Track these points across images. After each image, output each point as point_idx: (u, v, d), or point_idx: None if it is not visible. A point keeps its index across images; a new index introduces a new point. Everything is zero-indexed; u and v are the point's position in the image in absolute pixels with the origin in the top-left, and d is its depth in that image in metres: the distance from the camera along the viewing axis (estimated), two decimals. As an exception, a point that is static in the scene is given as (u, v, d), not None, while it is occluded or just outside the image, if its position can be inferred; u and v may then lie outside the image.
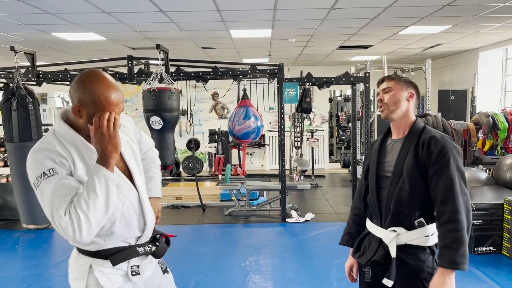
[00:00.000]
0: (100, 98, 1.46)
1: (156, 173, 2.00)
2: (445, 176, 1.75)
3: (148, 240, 1.72)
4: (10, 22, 5.20)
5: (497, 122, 5.72)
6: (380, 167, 1.95)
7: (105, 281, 1.59)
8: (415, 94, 1.94)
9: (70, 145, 1.52)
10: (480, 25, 6.06)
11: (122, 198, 1.59)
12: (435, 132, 1.86)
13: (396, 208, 1.84)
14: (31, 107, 5.16)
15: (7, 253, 4.72)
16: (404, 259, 1.83)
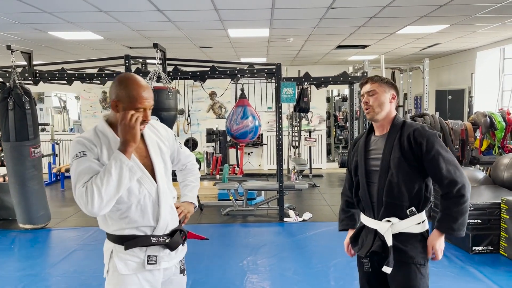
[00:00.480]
0: (133, 93, 1.75)
1: (193, 182, 2.19)
2: (443, 160, 1.92)
3: (165, 233, 1.86)
4: (6, 20, 5.17)
5: (495, 121, 5.73)
6: (368, 163, 2.09)
7: (121, 266, 1.78)
8: (396, 95, 2.10)
9: (104, 137, 1.80)
10: (477, 25, 6.07)
11: (140, 187, 1.79)
12: (415, 125, 2.01)
13: (388, 200, 1.99)
14: (27, 106, 5.14)
15: (3, 253, 4.69)
16: (399, 247, 1.97)
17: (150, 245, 1.82)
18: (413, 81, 8.60)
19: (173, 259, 1.90)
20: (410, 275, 1.97)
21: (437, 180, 1.96)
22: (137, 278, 1.81)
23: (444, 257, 4.17)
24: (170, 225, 1.89)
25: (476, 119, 5.84)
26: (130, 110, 1.73)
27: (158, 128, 1.99)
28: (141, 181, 1.80)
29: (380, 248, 1.99)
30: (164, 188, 1.87)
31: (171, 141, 2.04)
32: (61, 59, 7.73)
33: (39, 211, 5.35)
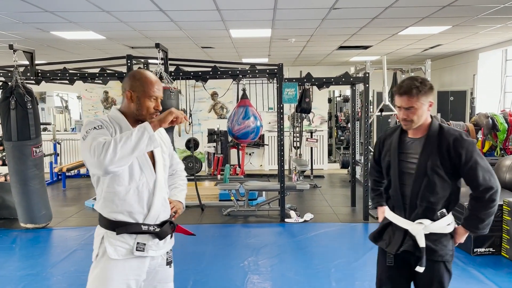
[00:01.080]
0: (146, 82, 1.94)
1: (181, 185, 2.29)
2: (480, 169, 1.99)
3: (155, 223, 1.98)
4: (9, 20, 5.18)
5: (497, 123, 5.72)
6: (402, 165, 2.13)
7: (111, 250, 1.89)
8: (432, 101, 2.07)
9: (116, 124, 1.94)
10: (480, 26, 6.06)
11: (141, 174, 1.93)
12: (453, 132, 2.04)
13: (422, 204, 2.06)
14: (29, 106, 5.14)
15: (5, 252, 4.70)
16: (430, 246, 2.05)
17: (140, 233, 1.93)
18: (415, 82, 8.58)
19: (160, 249, 2.00)
20: (439, 272, 2.08)
21: (472, 186, 2.04)
22: (122, 265, 1.90)
23: (445, 259, 4.17)
24: (161, 216, 2.00)
25: (478, 121, 5.83)
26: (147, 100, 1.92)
27: (160, 130, 2.09)
28: (142, 168, 1.93)
29: (411, 248, 2.07)
30: (161, 180, 2.00)
31: (168, 144, 2.18)
32: (63, 58, 7.74)
33: (41, 211, 5.36)
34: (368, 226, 5.43)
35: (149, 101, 1.94)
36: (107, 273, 1.89)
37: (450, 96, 9.45)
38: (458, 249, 4.40)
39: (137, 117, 1.96)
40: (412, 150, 2.10)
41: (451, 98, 9.45)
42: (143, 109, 1.94)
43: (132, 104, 1.95)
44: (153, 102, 1.95)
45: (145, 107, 1.94)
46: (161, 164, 2.02)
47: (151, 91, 1.94)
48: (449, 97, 9.46)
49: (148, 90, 1.93)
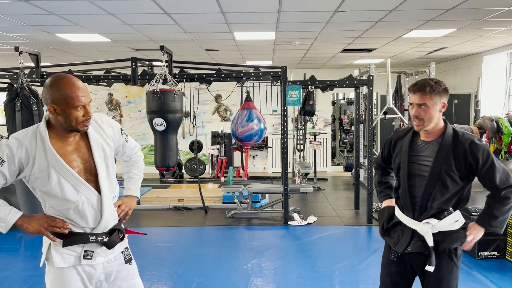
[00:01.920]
0: (67, 93, 1.75)
1: (136, 174, 2.21)
2: (497, 171, 2.01)
3: (104, 231, 1.92)
4: (15, 22, 5.22)
5: (501, 126, 5.70)
6: (412, 166, 2.12)
7: (57, 259, 1.86)
8: (446, 103, 2.07)
9: (41, 142, 1.80)
10: (484, 29, 6.04)
11: (77, 194, 1.83)
12: (468, 136, 2.04)
13: (434, 206, 2.07)
14: (35, 107, 5.16)
15: (9, 253, 4.72)
16: (438, 243, 2.07)
17: (87, 243, 1.88)
18: (419, 85, 8.56)
19: (109, 255, 1.95)
20: (448, 266, 2.09)
21: (490, 187, 2.09)
22: (75, 269, 1.88)
23: (449, 262, 4.15)
24: (110, 224, 1.95)
25: (482, 124, 5.81)
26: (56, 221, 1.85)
27: (103, 127, 1.97)
28: (77, 189, 1.83)
29: (421, 248, 2.09)
30: (106, 193, 1.90)
31: (116, 137, 2.03)
32: (68, 61, 7.78)
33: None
34: (372, 229, 5.42)
35: (75, 111, 1.77)
36: (61, 278, 1.88)
37: (455, 99, 9.42)
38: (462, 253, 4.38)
39: (68, 128, 1.81)
40: (424, 153, 2.10)
41: (455, 101, 9.42)
42: (72, 121, 1.78)
43: (59, 117, 1.78)
44: (80, 111, 1.78)
45: (73, 118, 1.77)
46: (104, 174, 1.90)
47: (75, 102, 1.75)
48: (453, 100, 9.43)
49: (71, 102, 1.75)
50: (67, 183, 1.81)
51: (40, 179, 1.81)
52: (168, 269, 4.12)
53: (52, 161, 1.79)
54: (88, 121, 1.83)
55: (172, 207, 6.56)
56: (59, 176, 1.80)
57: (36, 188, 1.88)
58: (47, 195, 1.86)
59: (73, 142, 1.88)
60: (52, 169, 1.79)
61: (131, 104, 10.52)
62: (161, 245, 4.74)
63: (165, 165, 4.98)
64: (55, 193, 1.82)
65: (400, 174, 2.17)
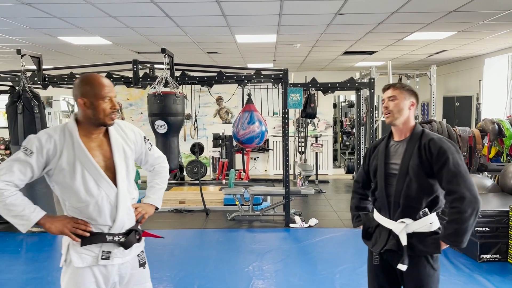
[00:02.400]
0: (96, 85, 1.90)
1: (158, 184, 2.25)
2: (446, 171, 2.02)
3: (121, 232, 1.97)
4: (17, 25, 5.24)
5: (503, 129, 5.69)
6: (387, 167, 2.21)
7: (75, 258, 1.90)
8: (416, 103, 2.21)
9: (69, 138, 1.91)
10: (485, 32, 6.04)
11: (98, 189, 1.90)
12: (433, 135, 2.13)
13: (405, 203, 2.12)
14: (36, 110, 5.18)
15: (10, 255, 4.72)
16: (412, 244, 2.11)
17: (104, 243, 1.93)
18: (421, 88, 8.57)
19: (126, 256, 2.00)
20: (423, 269, 2.11)
21: (442, 188, 2.09)
22: (91, 271, 1.92)
23: (451, 265, 4.15)
24: (127, 225, 1.99)
25: (484, 126, 5.80)
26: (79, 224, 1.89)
27: (126, 131, 2.08)
28: (99, 183, 1.91)
29: (394, 246, 2.14)
30: (124, 191, 1.97)
31: (138, 143, 2.12)
32: (70, 63, 7.81)
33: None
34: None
35: (103, 103, 1.90)
36: (77, 279, 1.91)
37: (456, 102, 9.42)
38: (464, 255, 4.37)
39: (96, 122, 1.93)
40: (396, 153, 2.20)
41: (456, 104, 9.41)
42: (100, 113, 1.90)
43: (88, 110, 1.91)
44: (108, 103, 1.92)
45: (101, 109, 1.90)
46: (123, 173, 1.98)
47: (103, 93, 1.90)
48: (455, 102, 9.43)
49: (100, 92, 1.90)
50: (90, 177, 1.89)
51: (65, 172, 1.88)
52: (169, 271, 4.11)
53: (78, 154, 1.88)
54: (114, 114, 1.94)
55: (174, 210, 6.57)
56: (83, 170, 1.88)
57: (57, 183, 1.93)
58: (67, 192, 1.91)
59: (96, 139, 1.97)
60: (78, 162, 1.88)
61: (132, 106, 10.53)
62: (162, 247, 4.74)
63: (166, 168, 4.98)
64: (78, 187, 1.88)
65: (377, 175, 2.24)
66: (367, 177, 2.38)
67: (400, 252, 2.12)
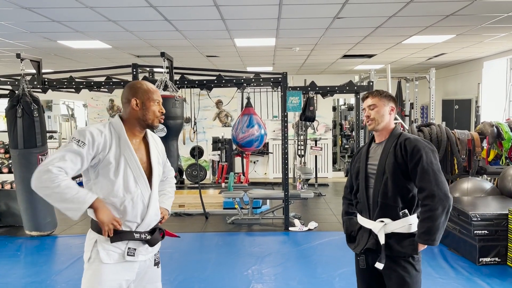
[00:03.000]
0: (147, 88, 2.11)
1: (170, 192, 2.41)
2: (420, 169, 2.08)
3: (147, 230, 2.10)
4: (17, 30, 5.26)
5: (502, 132, 5.70)
6: (367, 168, 2.29)
7: (103, 255, 1.98)
8: (395, 107, 2.29)
9: (116, 134, 2.05)
10: (484, 35, 6.06)
11: (135, 186, 2.03)
12: (409, 135, 2.21)
13: (382, 202, 2.17)
14: (36, 114, 5.19)
15: (9, 259, 4.72)
16: (392, 245, 2.16)
17: (132, 240, 2.04)
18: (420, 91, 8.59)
19: (149, 253, 2.13)
20: (404, 269, 2.15)
21: (415, 186, 2.14)
22: (115, 268, 2.00)
23: (451, 269, 4.15)
24: (152, 223, 2.13)
25: (483, 129, 5.81)
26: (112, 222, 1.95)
27: (157, 141, 2.28)
28: (137, 181, 2.04)
29: (373, 245, 2.20)
30: (156, 193, 2.13)
31: (162, 154, 2.31)
32: (69, 67, 7.83)
33: (46, 218, 5.38)
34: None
35: (154, 105, 2.10)
36: (101, 275, 1.98)
37: (455, 105, 9.43)
38: (463, 258, 4.37)
39: (145, 122, 2.10)
40: (375, 154, 2.28)
41: (456, 107, 9.43)
42: (150, 113, 2.09)
43: (139, 110, 2.08)
44: (157, 106, 2.12)
45: (152, 110, 2.10)
46: (157, 177, 2.14)
47: (154, 96, 2.11)
48: (454, 105, 9.45)
49: (151, 96, 2.11)
50: (131, 173, 2.02)
51: (110, 166, 1.98)
52: (169, 275, 4.11)
53: (124, 150, 2.02)
54: (162, 117, 2.15)
55: (173, 213, 6.56)
56: (126, 165, 2.01)
57: (99, 176, 2.00)
58: (106, 185, 1.99)
59: (136, 143, 2.11)
60: (123, 157, 2.01)
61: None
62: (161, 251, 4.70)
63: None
64: (119, 181, 1.99)
65: (359, 177, 2.30)
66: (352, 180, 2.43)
67: (378, 253, 2.17)
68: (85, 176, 2.05)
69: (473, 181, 5.18)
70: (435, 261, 4.34)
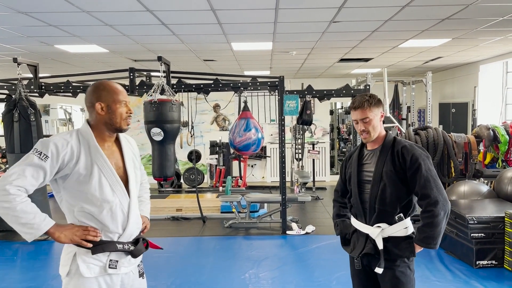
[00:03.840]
0: (112, 89, 1.95)
1: (146, 199, 2.31)
2: (419, 176, 2.12)
3: (129, 240, 2.00)
4: (13, 34, 5.26)
5: (498, 135, 5.72)
6: (361, 174, 2.30)
7: (84, 268, 1.87)
8: (383, 112, 2.30)
9: (85, 142, 1.91)
10: (480, 39, 6.10)
11: (113, 195, 1.92)
12: (404, 142, 2.24)
13: (380, 208, 2.20)
14: (32, 118, 5.18)
15: (6, 264, 4.70)
16: (389, 249, 2.19)
17: (115, 251, 1.93)
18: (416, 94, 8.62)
19: (131, 265, 2.02)
20: (398, 270, 2.19)
21: (415, 193, 2.18)
22: (96, 281, 1.90)
23: (448, 272, 4.14)
24: (135, 234, 2.03)
25: (479, 132, 5.83)
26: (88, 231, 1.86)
27: (132, 144, 2.16)
28: (114, 189, 1.93)
29: (372, 250, 2.22)
30: (135, 200, 2.02)
31: (139, 157, 2.20)
32: (66, 71, 7.82)
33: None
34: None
35: (120, 107, 1.96)
36: None
37: (452, 108, 9.47)
38: (460, 261, 4.37)
39: (113, 126, 1.97)
40: (369, 161, 2.30)
41: (452, 110, 9.46)
42: (117, 116, 1.95)
43: (105, 115, 1.94)
44: (124, 108, 1.98)
45: (118, 114, 1.96)
46: (133, 183, 2.03)
47: (120, 97, 1.97)
48: (451, 109, 9.48)
49: (116, 97, 1.96)
50: (106, 182, 1.90)
51: (82, 177, 1.86)
52: (166, 279, 4.10)
53: (96, 158, 1.89)
54: (130, 118, 2.01)
55: (170, 217, 6.55)
56: (100, 174, 1.89)
57: (71, 188, 1.89)
58: (81, 196, 1.88)
59: (108, 148, 1.99)
60: (95, 166, 1.88)
61: (129, 114, 10.53)
62: (158, 255, 4.72)
63: (163, 175, 4.98)
64: (93, 191, 1.87)
65: (352, 183, 2.32)
66: (345, 185, 2.46)
67: (377, 256, 2.20)
68: (54, 188, 1.93)
69: (470, 184, 5.19)
70: (432, 264, 4.34)
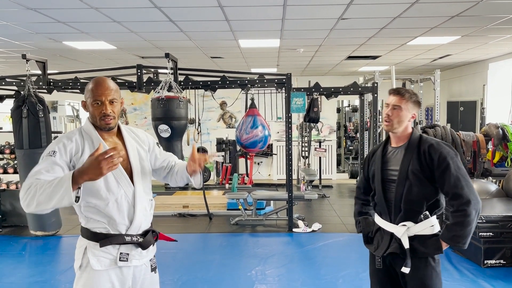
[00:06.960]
0: (92, 88, 1.91)
1: (177, 163, 2.25)
2: (449, 176, 2.05)
3: (138, 233, 1.99)
4: (22, 30, 5.29)
5: (507, 133, 5.66)
6: (385, 173, 2.24)
7: (94, 261, 1.89)
8: (416, 115, 2.25)
9: (88, 137, 1.95)
10: (489, 36, 6.03)
11: (118, 186, 1.92)
12: (431, 140, 2.17)
13: (406, 207, 2.14)
14: (41, 114, 5.22)
15: (14, 259, 4.74)
16: (415, 247, 2.14)
17: (124, 243, 1.93)
18: (424, 92, 8.55)
19: (143, 258, 2.02)
20: (425, 271, 2.14)
21: (444, 193, 2.12)
22: (107, 274, 1.91)
23: (455, 271, 4.12)
24: (143, 226, 2.02)
25: (488, 131, 5.77)
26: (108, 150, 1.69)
27: (137, 134, 2.14)
28: (118, 180, 1.93)
29: (397, 249, 2.17)
30: (140, 191, 2.00)
31: (151, 144, 2.17)
32: (74, 68, 7.85)
33: (50, 218, 5.40)
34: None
35: (92, 106, 1.90)
36: (93, 284, 1.90)
37: (460, 107, 9.39)
38: (468, 260, 4.35)
39: (95, 124, 1.95)
40: (394, 158, 2.23)
41: (461, 109, 9.38)
42: (93, 116, 1.93)
43: (88, 112, 1.96)
44: (97, 107, 1.89)
45: (92, 113, 1.92)
46: (139, 174, 2.01)
47: (94, 96, 1.89)
48: (459, 107, 9.40)
49: (92, 96, 1.90)
50: (111, 174, 1.87)
51: None
52: (172, 275, 4.12)
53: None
54: (105, 118, 1.90)
55: (177, 214, 6.57)
56: None
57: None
58: (86, 190, 1.83)
59: (111, 141, 1.99)
60: None
61: (136, 111, 10.58)
62: (165, 251, 4.74)
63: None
64: (99, 183, 1.86)
65: (375, 181, 2.28)
66: (367, 182, 2.41)
67: (402, 255, 2.14)
68: None
69: (478, 183, 5.15)
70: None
